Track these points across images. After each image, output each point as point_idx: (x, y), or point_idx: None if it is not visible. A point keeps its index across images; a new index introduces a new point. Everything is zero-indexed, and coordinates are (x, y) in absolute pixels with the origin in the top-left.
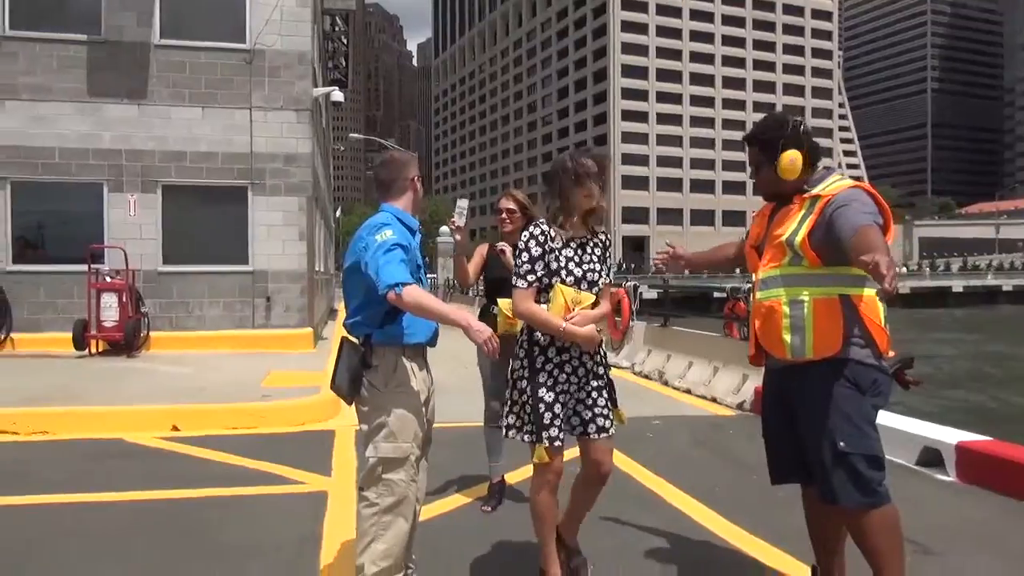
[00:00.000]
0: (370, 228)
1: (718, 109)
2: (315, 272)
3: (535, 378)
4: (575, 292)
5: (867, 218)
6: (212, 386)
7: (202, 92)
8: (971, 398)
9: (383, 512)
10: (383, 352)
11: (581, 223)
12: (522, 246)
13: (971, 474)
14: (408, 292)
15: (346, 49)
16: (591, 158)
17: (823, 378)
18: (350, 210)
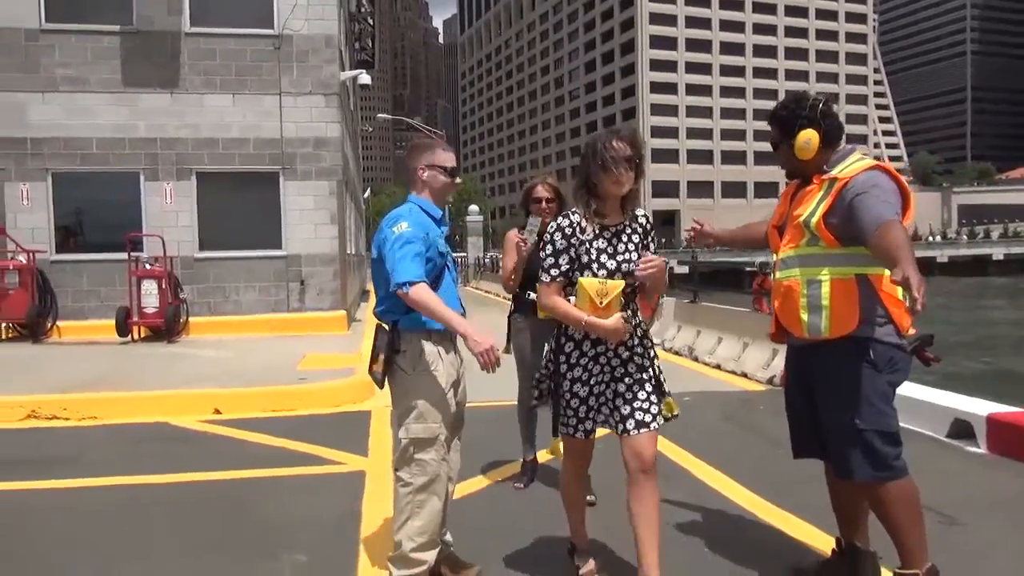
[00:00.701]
0: (389, 220)
1: (749, 78)
2: (346, 255)
3: (569, 373)
4: (599, 283)
5: (889, 211)
6: (250, 370)
7: (232, 79)
8: (1008, 366)
9: (417, 491)
10: (410, 337)
11: (615, 209)
12: (547, 238)
13: (1002, 446)
14: (415, 291)
15: (372, 30)
16: (623, 139)
17: (840, 356)
18: (379, 191)
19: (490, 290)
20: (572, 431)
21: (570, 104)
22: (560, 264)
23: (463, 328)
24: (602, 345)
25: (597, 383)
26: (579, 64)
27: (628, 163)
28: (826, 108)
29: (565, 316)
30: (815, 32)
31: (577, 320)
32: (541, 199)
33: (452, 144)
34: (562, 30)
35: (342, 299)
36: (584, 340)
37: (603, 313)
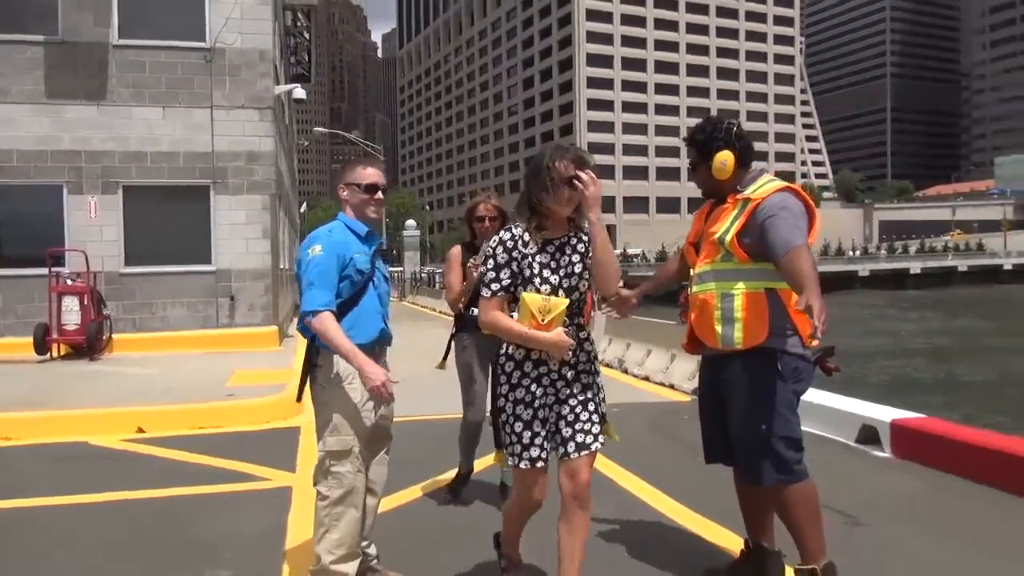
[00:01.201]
0: (307, 242)
1: (683, 97)
2: (279, 270)
3: (511, 395)
4: (542, 299)
5: (798, 236)
6: (177, 387)
7: (162, 92)
8: (916, 374)
9: (334, 504)
10: (326, 353)
11: (560, 223)
12: (488, 251)
13: (904, 450)
14: (318, 321)
15: (308, 44)
16: (567, 159)
17: (750, 366)
18: (316, 204)
19: (427, 304)
20: (517, 460)
21: (508, 120)
22: (501, 279)
23: (357, 362)
24: (544, 366)
25: (542, 406)
26: (517, 80)
27: (571, 184)
28: (739, 131)
29: (505, 331)
30: (745, 53)
31: (517, 334)
32: (484, 218)
33: (390, 158)
34: (501, 47)
35: (274, 314)
36: (525, 360)
37: (545, 330)
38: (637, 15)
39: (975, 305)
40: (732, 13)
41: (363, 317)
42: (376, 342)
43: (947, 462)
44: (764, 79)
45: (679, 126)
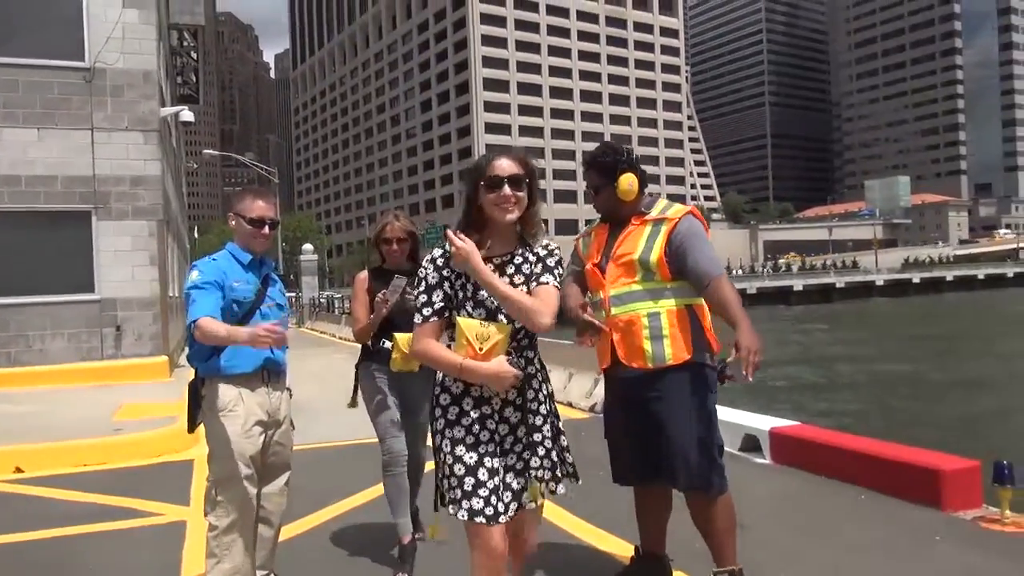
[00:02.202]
0: (189, 269)
1: (577, 121)
2: (168, 297)
3: (448, 432)
4: (479, 326)
5: (717, 266)
6: (59, 423)
7: (37, 112)
8: (801, 382)
9: (223, 532)
10: (209, 382)
11: (505, 238)
12: (421, 273)
13: (783, 456)
14: (200, 324)
15: (196, 64)
16: (510, 157)
17: (680, 381)
18: (207, 229)
19: (326, 331)
20: (457, 508)
21: (407, 142)
22: (433, 302)
23: (235, 338)
24: (487, 405)
25: (487, 452)
26: (415, 103)
27: (515, 184)
28: (637, 156)
29: (438, 362)
30: (635, 80)
31: (451, 365)
32: (392, 240)
33: (284, 181)
34: (397, 69)
35: (163, 344)
36: (464, 395)
37: (482, 360)
38: (531, 42)
39: (852, 318)
40: (622, 42)
41: (246, 347)
42: (262, 369)
43: (819, 465)
44: (653, 105)
45: (575, 150)
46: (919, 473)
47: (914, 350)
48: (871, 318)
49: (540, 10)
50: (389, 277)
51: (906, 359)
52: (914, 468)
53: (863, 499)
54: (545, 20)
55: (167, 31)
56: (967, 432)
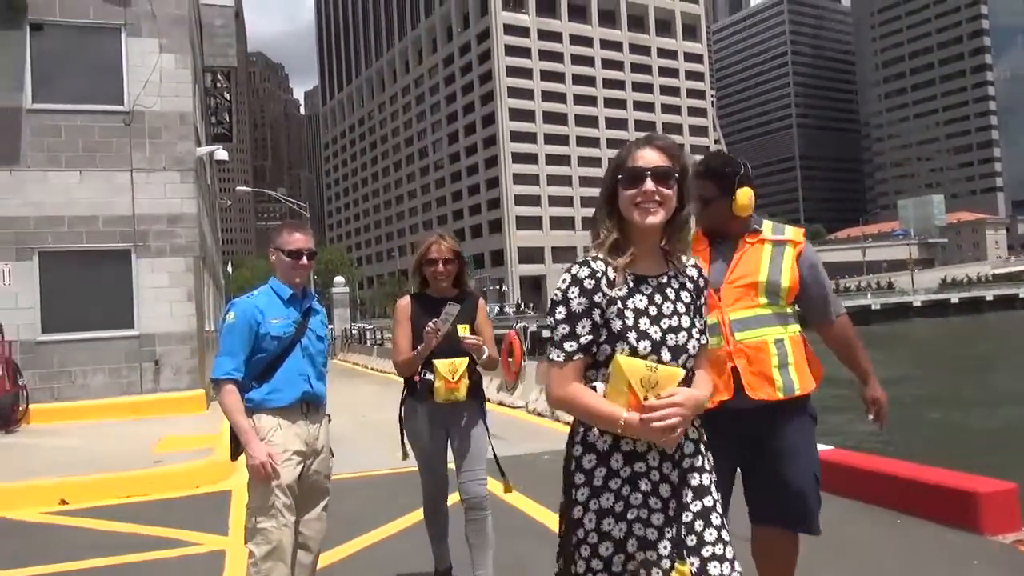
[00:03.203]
0: (227, 307)
1: (603, 149)
2: (205, 332)
3: (594, 502)
4: (646, 368)
5: (840, 302)
6: (101, 456)
7: (79, 155)
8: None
9: (263, 560)
10: (248, 409)
11: (651, 254)
12: (557, 296)
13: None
14: (220, 391)
15: (229, 104)
16: (657, 146)
17: (803, 413)
18: (241, 264)
19: (358, 362)
20: None
21: (435, 174)
22: (579, 334)
23: (244, 438)
24: (641, 461)
25: (640, 520)
26: (442, 135)
27: (661, 179)
28: (751, 170)
29: (591, 414)
30: (660, 106)
31: (610, 419)
32: (437, 260)
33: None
34: (424, 102)
35: (200, 378)
36: (613, 451)
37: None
38: (556, 71)
39: (890, 340)
40: (646, 69)
41: (285, 379)
42: (300, 402)
43: (855, 490)
44: (680, 131)
45: (601, 177)
46: (956, 496)
47: (953, 371)
48: (909, 340)
49: (563, 40)
50: (432, 304)
51: (944, 381)
52: (950, 491)
53: (899, 523)
54: (569, 50)
55: (201, 73)
56: (1005, 454)
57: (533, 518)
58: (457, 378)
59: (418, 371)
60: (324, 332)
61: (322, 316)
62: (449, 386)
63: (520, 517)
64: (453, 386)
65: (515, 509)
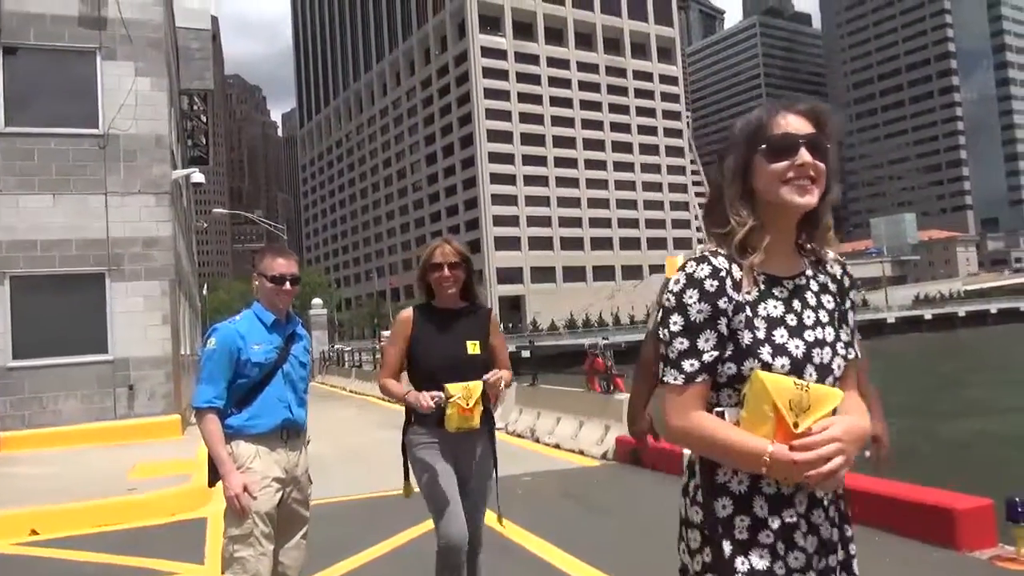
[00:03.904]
0: (208, 332)
1: (581, 169)
2: (180, 355)
3: (743, 561)
4: (795, 387)
5: None
6: (73, 484)
7: (53, 179)
8: None
9: None
10: (227, 439)
11: (785, 249)
12: (670, 301)
13: None
14: (200, 419)
15: (205, 127)
16: (801, 111)
17: None
18: (217, 286)
19: (336, 384)
20: None
21: (413, 195)
22: (702, 350)
23: (223, 470)
24: (789, 509)
25: None
26: (420, 156)
27: (816, 149)
28: None
29: (724, 447)
30: (636, 127)
31: (754, 454)
32: (441, 265)
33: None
34: (402, 124)
35: (176, 402)
36: (753, 494)
37: (802, 446)
38: (534, 93)
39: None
40: (622, 91)
41: (266, 406)
42: (280, 429)
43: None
44: (656, 151)
45: (579, 197)
46: (932, 513)
47: (925, 388)
48: (885, 355)
49: (541, 62)
50: (439, 317)
51: (917, 397)
52: (927, 508)
53: (877, 540)
54: (546, 72)
55: (178, 96)
56: (980, 470)
57: (510, 539)
58: (472, 404)
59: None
60: (307, 358)
61: (306, 342)
62: (464, 413)
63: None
64: (468, 413)
65: (492, 530)
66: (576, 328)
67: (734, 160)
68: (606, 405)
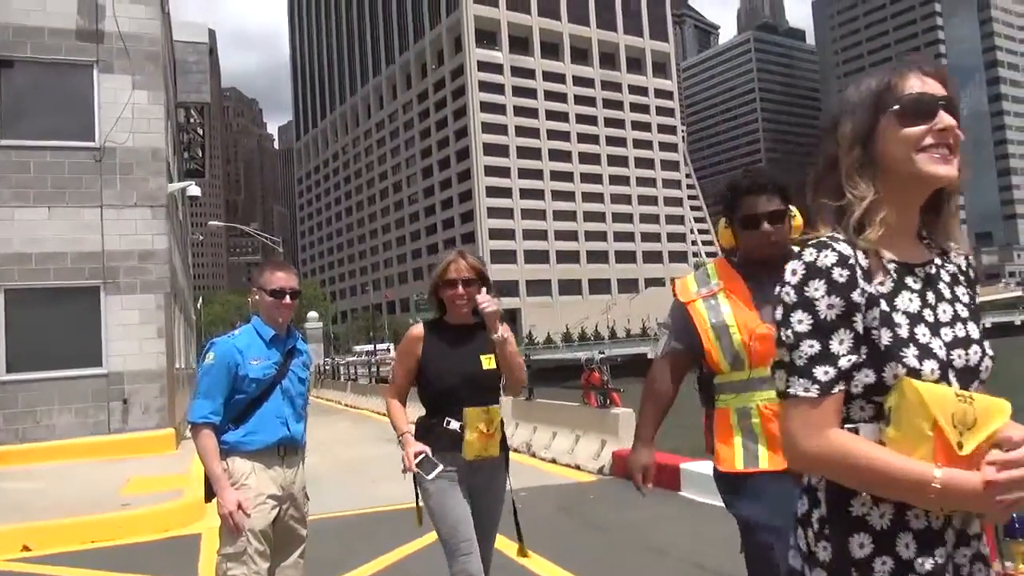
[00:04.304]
0: (206, 346)
1: (576, 183)
2: (175, 369)
3: None
4: (958, 399)
5: None
6: (66, 500)
7: (48, 191)
8: None
9: None
10: (223, 455)
11: (909, 235)
12: (790, 296)
13: None
14: (195, 434)
15: (202, 140)
16: (930, 73)
17: None
18: (212, 299)
19: (332, 398)
20: None
21: (409, 208)
22: (836, 352)
23: (216, 486)
24: (940, 547)
25: None
26: (416, 170)
27: (952, 109)
28: None
29: (877, 473)
30: (632, 142)
31: (919, 480)
32: (455, 282)
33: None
34: (399, 137)
35: (170, 416)
36: (898, 530)
37: (966, 464)
38: (529, 107)
39: None
40: (618, 105)
41: (263, 422)
42: (277, 446)
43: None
44: (651, 165)
45: (575, 211)
46: None
47: None
48: None
49: (537, 76)
50: (451, 334)
51: None
52: None
53: None
54: (542, 86)
55: (174, 109)
56: None
57: (504, 554)
58: (492, 429)
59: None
60: (306, 374)
61: (305, 357)
62: (483, 439)
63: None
64: (488, 438)
65: None
66: (572, 341)
67: (853, 125)
68: (603, 419)
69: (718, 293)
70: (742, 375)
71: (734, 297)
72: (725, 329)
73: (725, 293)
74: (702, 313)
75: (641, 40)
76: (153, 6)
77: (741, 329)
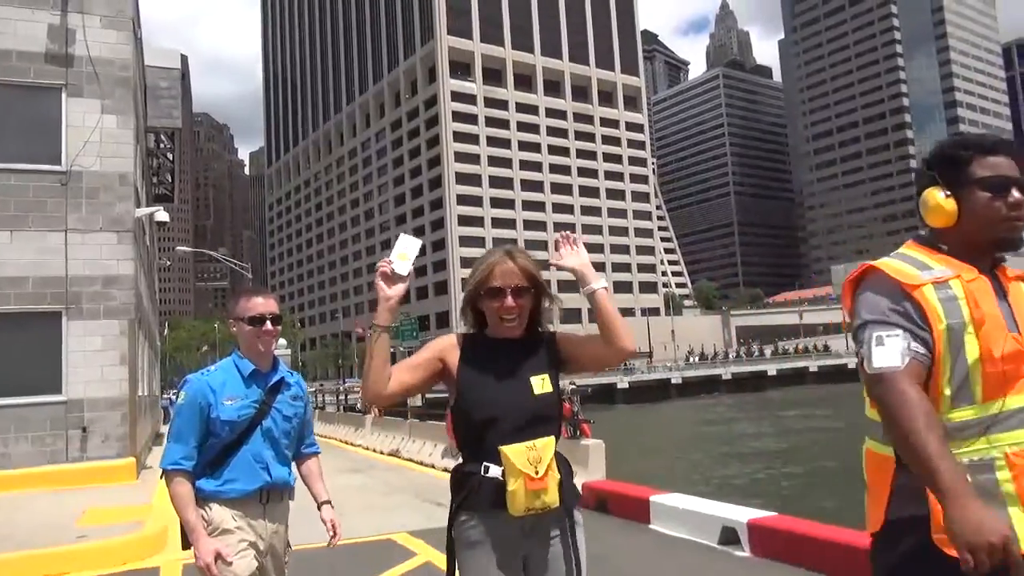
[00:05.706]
0: (180, 384)
1: (548, 213)
2: (137, 396)
3: None
4: None
5: None
6: (19, 531)
7: (11, 215)
8: (785, 471)
9: None
10: (201, 502)
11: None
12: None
13: (763, 549)
14: (168, 481)
15: (171, 165)
16: None
17: None
18: (178, 324)
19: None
20: None
21: (380, 236)
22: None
23: (191, 536)
24: None
25: None
26: (388, 197)
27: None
28: None
29: None
30: (603, 173)
31: None
32: (503, 292)
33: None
34: (371, 165)
35: (131, 445)
36: None
37: None
38: (502, 138)
39: (829, 402)
40: (590, 137)
41: (241, 469)
42: (261, 491)
43: (801, 557)
44: (622, 196)
45: (546, 240)
46: None
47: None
48: (847, 400)
49: (510, 107)
50: (494, 350)
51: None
52: None
53: None
54: (515, 117)
55: (144, 134)
56: None
57: None
58: (543, 471)
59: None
60: (294, 410)
61: (295, 390)
62: (532, 486)
63: None
64: (539, 485)
65: None
66: None
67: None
68: (573, 451)
69: (952, 281)
70: (971, 410)
71: (975, 292)
72: (961, 336)
73: (963, 283)
74: (935, 306)
75: (613, 74)
76: (125, 31)
77: (983, 339)
